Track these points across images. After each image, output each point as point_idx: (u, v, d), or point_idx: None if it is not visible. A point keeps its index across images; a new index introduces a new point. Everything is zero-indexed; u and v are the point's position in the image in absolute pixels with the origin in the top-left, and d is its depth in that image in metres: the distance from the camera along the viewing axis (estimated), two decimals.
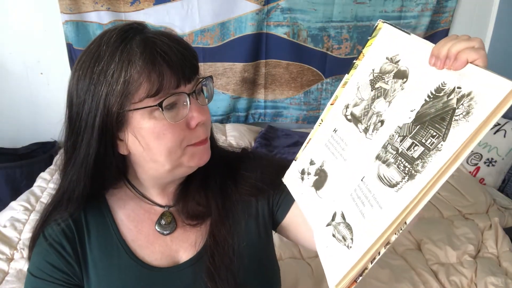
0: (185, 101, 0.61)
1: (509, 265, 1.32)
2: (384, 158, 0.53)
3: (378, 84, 0.59)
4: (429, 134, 0.48)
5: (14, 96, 2.23)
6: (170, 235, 0.70)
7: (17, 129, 2.29)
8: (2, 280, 1.28)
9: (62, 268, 0.66)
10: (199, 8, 2.15)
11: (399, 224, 0.48)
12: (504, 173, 1.95)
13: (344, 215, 0.56)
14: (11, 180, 2.01)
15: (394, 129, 0.53)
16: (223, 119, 2.42)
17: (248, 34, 2.23)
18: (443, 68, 0.49)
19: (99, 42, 0.60)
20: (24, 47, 2.14)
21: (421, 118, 0.50)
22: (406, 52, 0.56)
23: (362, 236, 0.51)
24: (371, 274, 1.29)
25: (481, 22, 2.39)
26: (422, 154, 0.48)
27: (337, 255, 0.54)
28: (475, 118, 0.44)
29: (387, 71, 0.58)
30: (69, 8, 2.05)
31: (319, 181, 0.63)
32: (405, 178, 0.49)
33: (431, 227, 1.52)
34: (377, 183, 0.52)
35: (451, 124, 0.46)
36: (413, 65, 0.55)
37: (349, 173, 0.58)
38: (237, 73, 2.30)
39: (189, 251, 0.70)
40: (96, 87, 0.58)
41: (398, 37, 0.58)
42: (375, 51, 0.61)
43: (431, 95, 0.50)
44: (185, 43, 0.63)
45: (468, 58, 0.47)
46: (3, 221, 1.53)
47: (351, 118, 0.61)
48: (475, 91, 0.45)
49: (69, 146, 0.64)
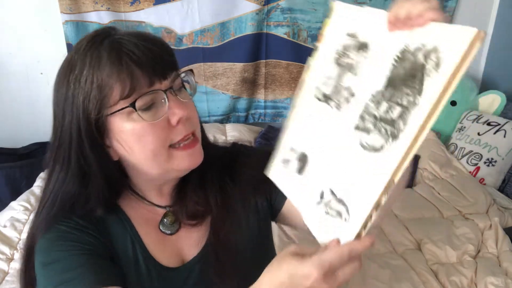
0: (162, 99, 0.59)
1: (509, 265, 1.32)
2: (363, 127, 0.54)
3: (343, 60, 0.60)
4: (403, 93, 0.50)
5: (14, 96, 2.23)
6: (175, 235, 0.70)
7: (17, 129, 2.29)
8: (2, 280, 1.28)
9: (85, 240, 0.62)
10: (199, 8, 2.14)
11: (389, 184, 0.49)
12: (504, 173, 1.94)
13: (333, 191, 0.57)
14: (11, 180, 2.01)
15: (367, 98, 0.55)
16: (223, 119, 2.42)
17: (248, 34, 2.22)
18: (404, 29, 0.51)
19: (72, 52, 0.60)
20: (24, 47, 2.14)
21: (392, 82, 0.52)
22: (364, 24, 0.58)
23: (357, 204, 0.52)
24: (371, 274, 1.29)
25: (481, 22, 2.38)
26: (401, 113, 0.49)
27: (334, 230, 0.54)
28: (446, 68, 0.45)
29: (349, 46, 0.59)
30: (69, 8, 2.04)
31: (301, 166, 0.64)
32: (388, 139, 0.50)
33: (431, 227, 1.52)
34: (361, 152, 0.53)
35: (424, 79, 0.47)
36: (372, 35, 0.56)
37: (330, 150, 0.59)
38: (237, 73, 2.30)
39: (193, 249, 0.70)
40: (73, 95, 0.58)
41: (352, 13, 0.60)
42: (334, 30, 0.62)
43: (397, 58, 0.52)
44: (157, 39, 0.62)
45: (431, 16, 0.48)
46: (3, 221, 1.53)
47: (323, 98, 0.62)
48: (440, 44, 0.47)
49: (57, 159, 0.62)
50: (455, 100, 2.23)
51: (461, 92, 2.23)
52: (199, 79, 2.29)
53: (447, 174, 1.89)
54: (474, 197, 1.70)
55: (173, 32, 2.17)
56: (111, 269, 0.62)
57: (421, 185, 1.85)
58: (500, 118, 2.04)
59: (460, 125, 2.14)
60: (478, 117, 2.07)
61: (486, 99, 2.20)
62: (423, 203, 1.71)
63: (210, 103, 2.36)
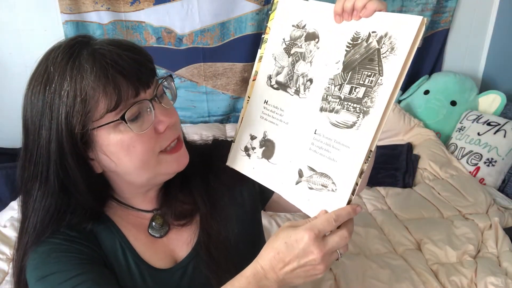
0: (148, 108, 0.59)
1: (509, 265, 1.32)
2: (329, 108, 0.60)
3: (293, 50, 0.65)
4: (364, 75, 0.57)
5: (14, 96, 2.20)
6: (166, 237, 0.70)
7: (17, 129, 2.28)
8: (2, 280, 1.28)
9: (79, 249, 0.61)
10: (199, 8, 2.14)
11: (368, 153, 0.56)
12: (504, 173, 1.94)
13: (312, 167, 0.62)
14: (11, 180, 2.00)
15: (326, 82, 0.60)
16: (223, 119, 2.42)
17: (248, 34, 2.22)
18: (351, 19, 0.58)
19: (45, 63, 0.57)
20: (24, 47, 2.13)
21: (349, 65, 0.58)
22: (310, 16, 0.63)
23: (343, 175, 0.58)
24: (371, 274, 1.29)
25: (481, 22, 2.38)
26: (366, 92, 0.56)
27: (324, 202, 0.60)
28: (401, 51, 0.53)
29: (297, 36, 0.64)
30: (69, 8, 2.04)
31: (267, 151, 0.68)
32: (360, 116, 0.57)
33: (431, 227, 1.52)
34: (334, 130, 0.59)
35: (382, 61, 0.55)
36: (320, 25, 0.62)
37: (297, 132, 0.64)
38: (237, 73, 2.30)
39: (184, 248, 0.70)
40: (52, 110, 0.56)
41: (297, 5, 0.65)
42: (279, 22, 0.67)
43: (349, 44, 0.58)
44: (137, 47, 0.60)
45: (375, 7, 0.55)
46: (3, 221, 1.53)
47: (278, 86, 0.67)
48: (391, 31, 0.54)
49: (34, 176, 0.60)
50: (455, 100, 2.23)
51: (461, 92, 2.23)
52: (199, 79, 2.29)
53: (447, 174, 1.89)
54: (474, 197, 1.70)
55: (173, 32, 2.17)
56: (108, 275, 0.62)
57: (421, 185, 1.85)
58: (500, 118, 2.04)
59: (460, 125, 2.14)
60: (478, 117, 2.07)
61: (486, 99, 2.20)
62: (423, 203, 1.71)
63: (210, 103, 2.35)
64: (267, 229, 1.50)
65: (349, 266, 1.32)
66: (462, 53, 2.44)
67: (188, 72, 2.27)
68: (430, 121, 2.24)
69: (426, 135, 2.14)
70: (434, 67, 2.45)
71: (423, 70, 2.43)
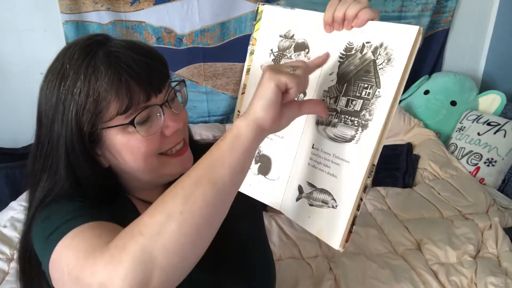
0: (158, 112, 0.60)
1: (509, 265, 1.32)
2: (326, 122, 0.57)
3: (282, 61, 0.62)
4: (360, 87, 0.53)
5: (14, 96, 2.23)
6: None
7: (17, 129, 2.29)
8: (2, 280, 1.28)
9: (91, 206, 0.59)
10: (199, 8, 2.14)
11: (370, 167, 0.53)
12: (504, 173, 1.94)
13: (311, 183, 0.58)
14: (11, 180, 2.00)
15: (321, 94, 0.57)
16: (223, 119, 2.42)
17: (248, 34, 2.22)
18: (342, 29, 0.54)
19: (62, 60, 0.58)
20: (24, 47, 2.14)
21: (344, 77, 0.55)
22: (297, 25, 0.60)
23: (343, 191, 0.55)
24: (371, 274, 1.29)
25: (481, 22, 2.38)
26: (364, 105, 0.53)
27: (325, 219, 0.57)
28: (399, 62, 0.50)
29: (286, 47, 0.61)
30: (69, 8, 2.04)
31: (263, 166, 0.65)
32: (358, 129, 0.53)
33: (431, 227, 1.52)
34: (332, 144, 0.56)
35: (378, 73, 0.52)
36: (309, 36, 0.59)
37: (294, 147, 0.61)
38: (237, 73, 2.30)
39: None
40: (65, 106, 0.57)
41: (283, 15, 0.61)
42: (266, 32, 0.64)
43: (342, 55, 0.55)
44: (152, 51, 0.61)
45: (368, 16, 0.52)
46: (3, 221, 1.53)
47: None
48: (386, 41, 0.51)
49: (44, 168, 0.60)
50: (455, 100, 2.23)
51: (461, 92, 2.23)
52: (199, 79, 2.29)
53: (447, 174, 1.89)
54: (474, 197, 1.70)
55: (173, 32, 2.17)
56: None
57: (421, 185, 1.85)
58: (500, 118, 2.04)
59: (460, 125, 2.14)
60: (478, 117, 2.07)
61: (486, 99, 2.20)
62: (423, 203, 1.71)
63: (210, 103, 2.36)
64: (267, 229, 1.50)
65: (349, 266, 1.33)
66: (462, 53, 2.45)
67: (188, 72, 2.27)
68: (430, 121, 2.25)
69: (426, 135, 2.14)
70: (434, 67, 2.45)
71: (423, 70, 2.44)
